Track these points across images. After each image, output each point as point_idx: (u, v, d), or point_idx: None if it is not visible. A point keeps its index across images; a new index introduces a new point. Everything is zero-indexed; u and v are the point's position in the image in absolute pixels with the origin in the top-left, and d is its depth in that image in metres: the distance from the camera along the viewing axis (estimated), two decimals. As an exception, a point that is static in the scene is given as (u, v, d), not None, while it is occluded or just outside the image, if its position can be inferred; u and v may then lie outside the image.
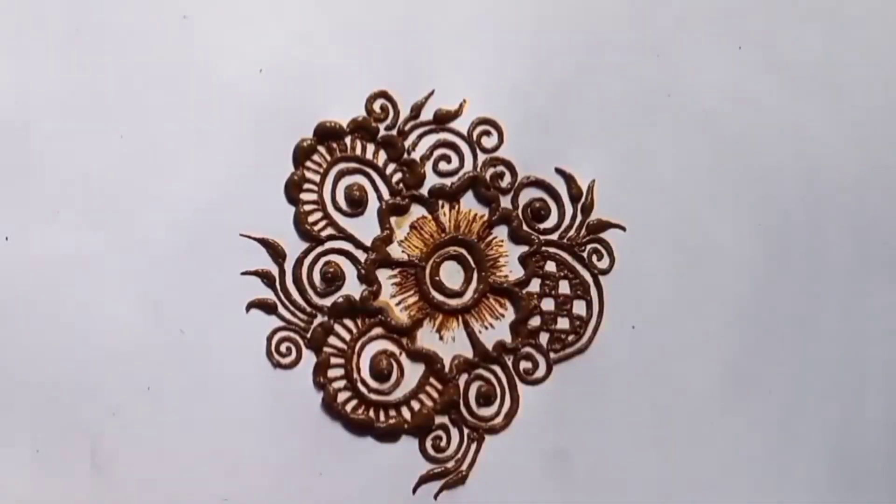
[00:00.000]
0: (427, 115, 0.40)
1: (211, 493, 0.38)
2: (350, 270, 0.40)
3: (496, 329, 0.41)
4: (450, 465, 0.40)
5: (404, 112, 0.40)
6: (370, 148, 0.40)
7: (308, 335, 0.40)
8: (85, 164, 0.38)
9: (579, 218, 0.41)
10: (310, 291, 0.40)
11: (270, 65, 0.39)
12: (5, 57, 0.38)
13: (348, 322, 0.40)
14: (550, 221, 0.41)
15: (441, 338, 0.41)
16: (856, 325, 0.43)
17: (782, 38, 0.43)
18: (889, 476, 0.43)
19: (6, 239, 0.38)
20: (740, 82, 0.42)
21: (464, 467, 0.40)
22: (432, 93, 0.40)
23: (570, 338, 0.41)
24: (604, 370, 0.41)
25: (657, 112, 0.42)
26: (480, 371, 0.41)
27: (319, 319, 0.40)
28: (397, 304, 0.40)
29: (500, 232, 0.41)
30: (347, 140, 0.40)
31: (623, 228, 0.41)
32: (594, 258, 0.41)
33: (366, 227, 0.40)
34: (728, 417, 0.42)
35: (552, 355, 0.41)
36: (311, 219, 0.40)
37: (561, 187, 0.41)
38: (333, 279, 0.40)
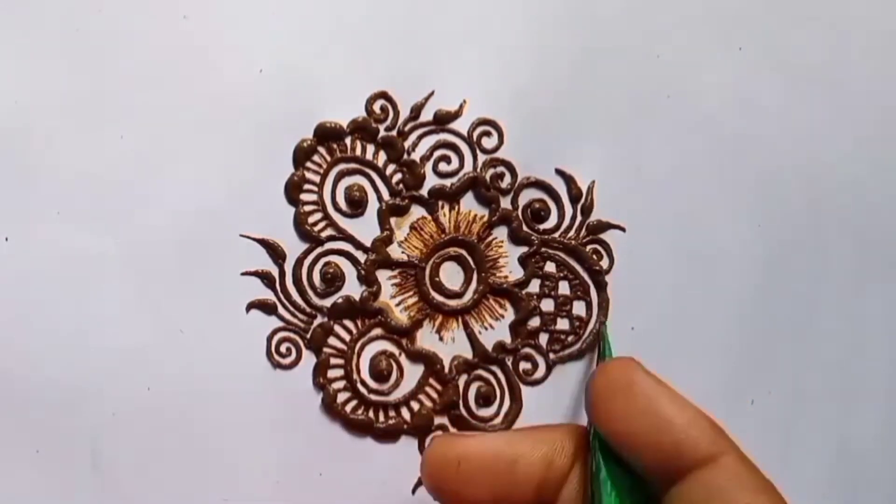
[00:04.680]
0: (427, 115, 0.40)
1: (211, 494, 0.39)
2: (350, 271, 0.40)
3: (496, 330, 0.41)
4: (449, 465, 0.40)
5: (404, 112, 0.40)
6: (370, 148, 0.40)
7: (308, 336, 0.40)
8: (85, 164, 0.38)
9: (579, 219, 0.41)
10: (309, 292, 0.40)
11: (270, 65, 0.39)
12: (5, 57, 0.38)
13: (348, 323, 0.40)
14: (550, 222, 0.41)
15: (441, 338, 0.41)
16: (856, 326, 0.43)
17: (783, 40, 0.43)
18: (890, 477, 0.43)
19: (6, 239, 0.38)
20: (741, 83, 0.42)
21: (463, 467, 0.40)
22: (432, 93, 0.40)
23: (570, 338, 0.41)
24: (603, 371, 0.41)
25: (658, 113, 0.42)
26: (480, 372, 0.41)
27: (319, 320, 0.40)
28: (397, 304, 0.40)
29: (500, 233, 0.41)
30: (347, 141, 0.40)
31: (623, 229, 0.42)
32: (594, 259, 0.41)
33: (366, 228, 0.40)
34: (728, 418, 0.42)
35: (552, 356, 0.41)
36: (311, 219, 0.40)
37: (561, 188, 0.41)
38: (333, 280, 0.40)
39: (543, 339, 0.41)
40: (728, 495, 0.19)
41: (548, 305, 0.41)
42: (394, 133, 0.40)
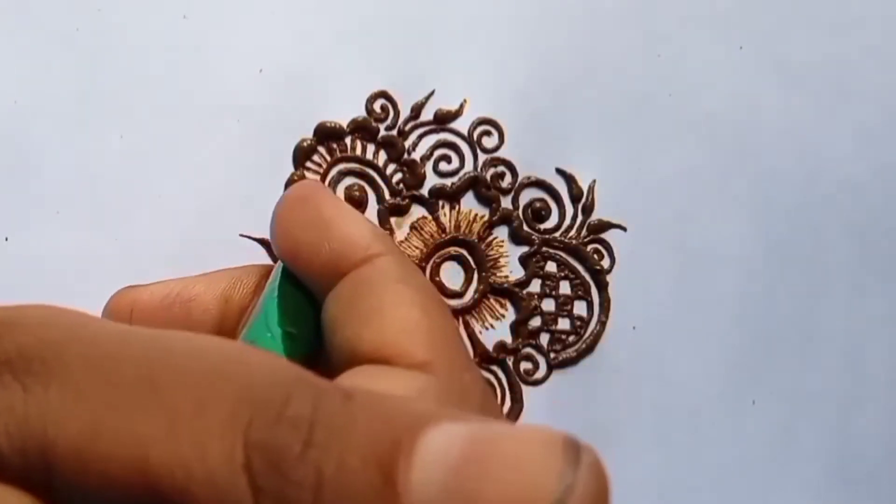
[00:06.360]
0: (427, 115, 0.40)
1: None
2: (350, 271, 0.40)
3: (497, 330, 0.41)
4: (450, 465, 0.40)
5: (404, 112, 0.40)
6: (370, 148, 0.40)
7: (308, 336, 0.39)
8: (85, 164, 0.38)
9: (580, 218, 0.41)
10: (310, 292, 0.40)
11: (270, 65, 0.39)
12: (5, 57, 0.38)
13: (348, 322, 0.40)
14: (551, 222, 0.41)
15: (441, 338, 0.40)
16: (857, 326, 0.43)
17: (784, 39, 0.43)
18: (889, 477, 0.43)
19: (6, 239, 0.38)
20: (741, 83, 0.42)
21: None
22: (432, 93, 0.40)
23: (571, 338, 0.41)
24: (604, 371, 0.41)
25: (658, 112, 0.42)
26: (481, 372, 0.41)
27: (320, 320, 0.40)
28: (398, 304, 0.40)
29: (501, 232, 0.41)
30: (347, 140, 0.40)
31: (624, 229, 0.41)
32: (595, 258, 0.41)
33: (366, 228, 0.40)
34: (729, 418, 0.42)
35: (552, 356, 0.41)
36: (311, 219, 0.39)
37: (562, 188, 0.41)
38: (334, 279, 0.40)
39: (544, 338, 0.41)
40: (371, 286, 0.19)
41: (549, 305, 0.41)
42: (394, 132, 0.40)
